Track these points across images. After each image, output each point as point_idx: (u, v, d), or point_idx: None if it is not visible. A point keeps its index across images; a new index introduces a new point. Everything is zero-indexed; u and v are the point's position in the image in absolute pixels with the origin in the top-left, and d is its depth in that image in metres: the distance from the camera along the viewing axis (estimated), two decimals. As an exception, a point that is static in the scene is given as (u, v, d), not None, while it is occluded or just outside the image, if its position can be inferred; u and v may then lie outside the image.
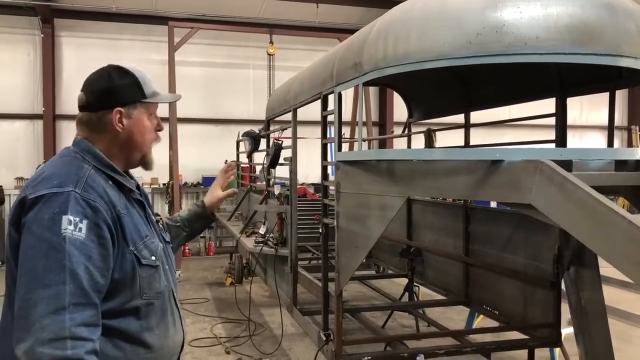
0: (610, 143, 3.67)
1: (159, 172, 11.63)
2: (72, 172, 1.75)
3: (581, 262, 3.75)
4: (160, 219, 2.30)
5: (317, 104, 4.28)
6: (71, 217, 1.62)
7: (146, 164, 2.01)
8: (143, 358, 1.80)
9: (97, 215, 1.68)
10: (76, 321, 1.56)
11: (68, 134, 12.31)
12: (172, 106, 10.26)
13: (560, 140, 3.99)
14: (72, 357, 1.53)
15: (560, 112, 3.95)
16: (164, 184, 11.85)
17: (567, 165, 2.47)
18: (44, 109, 12.30)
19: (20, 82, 12.42)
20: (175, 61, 10.59)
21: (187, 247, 12.12)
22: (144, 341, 1.80)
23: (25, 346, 1.52)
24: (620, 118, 16.13)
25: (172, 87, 10.34)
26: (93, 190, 1.72)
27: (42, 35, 12.28)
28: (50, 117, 12.33)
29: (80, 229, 1.63)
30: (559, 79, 3.85)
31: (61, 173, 1.74)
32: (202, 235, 11.88)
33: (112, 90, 1.86)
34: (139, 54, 12.37)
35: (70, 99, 12.26)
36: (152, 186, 12.46)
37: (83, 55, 12.39)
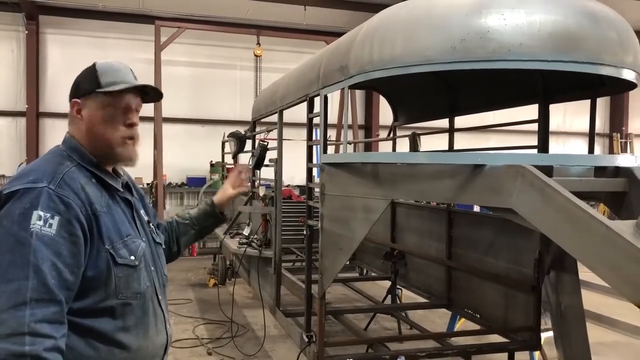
0: (590, 150, 3.70)
1: (143, 171, 11.55)
2: (50, 169, 1.75)
3: (561, 267, 3.80)
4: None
5: (304, 106, 4.29)
6: (41, 213, 1.62)
7: (116, 159, 1.92)
8: (119, 358, 1.78)
9: (69, 212, 1.67)
10: (37, 317, 1.53)
11: (52, 131, 12.18)
12: (157, 105, 10.21)
13: (542, 146, 4.03)
14: (30, 353, 1.50)
15: (543, 119, 4.00)
16: (147, 184, 11.77)
17: (548, 170, 2.50)
18: (27, 106, 12.14)
19: (3, 79, 12.25)
20: (161, 60, 10.57)
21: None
22: (119, 341, 1.78)
23: None
24: (602, 125, 16.36)
25: (157, 87, 10.26)
26: (68, 187, 1.71)
27: (27, 32, 12.13)
28: (33, 115, 12.17)
29: (50, 225, 1.62)
30: (542, 86, 3.90)
31: (39, 170, 1.75)
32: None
33: (76, 83, 1.92)
34: (125, 53, 12.23)
35: (54, 96, 12.12)
36: (136, 186, 12.35)
37: (68, 52, 12.26)
